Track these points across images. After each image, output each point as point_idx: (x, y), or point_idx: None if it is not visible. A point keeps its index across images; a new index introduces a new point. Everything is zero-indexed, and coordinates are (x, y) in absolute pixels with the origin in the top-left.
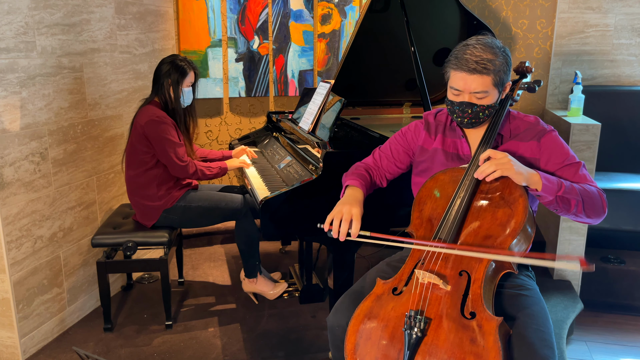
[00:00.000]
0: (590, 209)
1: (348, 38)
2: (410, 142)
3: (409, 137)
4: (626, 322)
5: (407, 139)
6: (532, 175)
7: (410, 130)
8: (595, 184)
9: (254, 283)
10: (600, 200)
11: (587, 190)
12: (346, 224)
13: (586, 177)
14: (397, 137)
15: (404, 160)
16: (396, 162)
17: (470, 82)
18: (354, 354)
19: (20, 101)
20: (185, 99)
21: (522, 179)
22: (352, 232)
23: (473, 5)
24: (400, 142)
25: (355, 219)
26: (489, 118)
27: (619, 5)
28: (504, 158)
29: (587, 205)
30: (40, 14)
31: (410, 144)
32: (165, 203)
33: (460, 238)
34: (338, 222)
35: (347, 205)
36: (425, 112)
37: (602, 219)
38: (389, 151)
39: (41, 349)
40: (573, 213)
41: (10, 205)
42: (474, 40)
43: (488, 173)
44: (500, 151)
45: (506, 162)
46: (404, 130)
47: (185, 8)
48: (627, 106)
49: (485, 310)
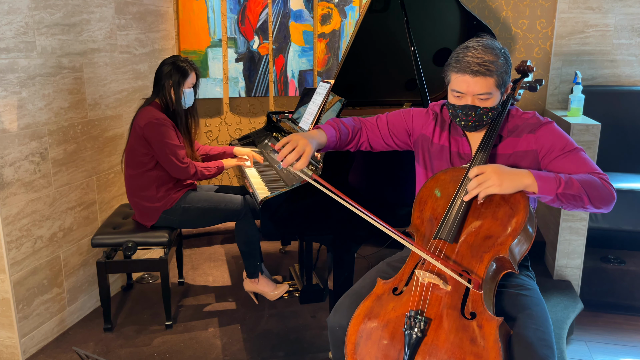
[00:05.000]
0: (597, 199)
1: (348, 38)
2: (416, 126)
3: (415, 120)
4: (626, 322)
5: (413, 121)
6: (524, 179)
7: (419, 115)
8: (598, 169)
9: (255, 283)
10: (604, 187)
11: (589, 180)
12: (296, 155)
13: (586, 162)
14: (401, 114)
15: (401, 138)
16: (394, 137)
17: (474, 84)
18: (354, 354)
19: (20, 101)
20: (187, 100)
21: (510, 191)
22: (297, 165)
23: (473, 5)
24: (404, 119)
25: (305, 155)
26: (492, 120)
27: (619, 5)
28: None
29: (593, 196)
30: (40, 14)
31: (416, 128)
32: (164, 204)
33: (461, 238)
34: (289, 149)
35: (303, 140)
36: (431, 104)
37: (612, 206)
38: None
39: (41, 349)
40: (580, 207)
41: (10, 205)
42: (474, 42)
43: (474, 195)
44: (488, 166)
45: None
46: (410, 111)
47: (185, 8)
48: (627, 106)
49: (485, 310)
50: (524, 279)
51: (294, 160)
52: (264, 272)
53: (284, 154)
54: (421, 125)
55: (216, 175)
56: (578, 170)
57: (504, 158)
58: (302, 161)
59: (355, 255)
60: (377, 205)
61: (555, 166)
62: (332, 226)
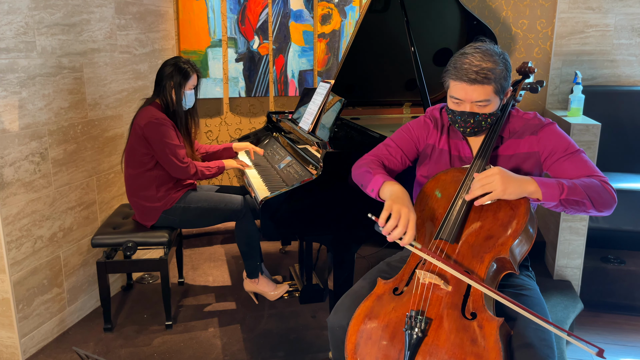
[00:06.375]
0: (599, 204)
1: (348, 38)
2: (420, 139)
3: (417, 133)
4: (626, 322)
5: (416, 135)
6: (528, 186)
7: (419, 127)
8: (598, 171)
9: (255, 283)
10: (606, 191)
11: (591, 185)
12: (402, 229)
13: (587, 164)
14: (403, 133)
15: (412, 155)
16: (408, 157)
17: (471, 92)
18: (354, 354)
19: (20, 101)
20: (187, 102)
21: (514, 197)
22: (404, 240)
23: (473, 5)
24: (408, 137)
25: (410, 227)
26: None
27: (619, 5)
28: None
29: (596, 201)
30: (40, 14)
31: (420, 140)
32: (164, 204)
33: (462, 238)
34: (394, 223)
35: (405, 208)
36: (429, 108)
37: (613, 209)
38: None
39: (41, 349)
40: (583, 211)
41: (10, 205)
42: (471, 49)
43: (476, 195)
44: (494, 169)
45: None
46: (408, 126)
47: (185, 8)
48: (627, 106)
49: (486, 310)
50: (524, 279)
51: (401, 235)
52: (264, 272)
53: (389, 230)
54: (425, 135)
55: (216, 175)
56: (579, 172)
57: (505, 159)
58: (409, 234)
59: (355, 255)
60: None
61: (557, 168)
62: (332, 226)
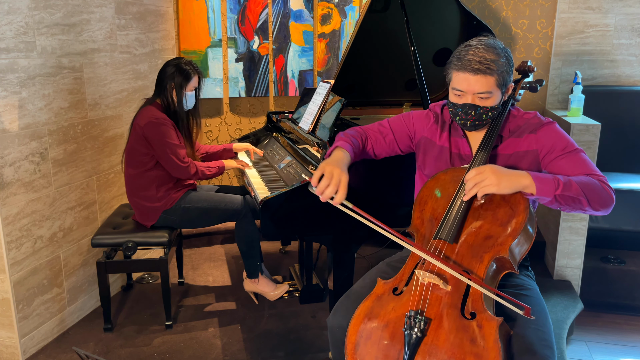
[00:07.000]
0: (596, 202)
1: (348, 38)
2: (417, 130)
3: (416, 124)
4: (626, 322)
5: (414, 125)
6: (522, 180)
7: (420, 118)
8: (597, 170)
9: (255, 283)
10: (603, 190)
11: (588, 183)
12: (333, 188)
13: (586, 163)
14: (402, 119)
15: (404, 143)
16: (398, 143)
17: (474, 82)
18: (354, 354)
19: (20, 101)
20: (188, 103)
21: (508, 191)
22: (336, 199)
23: (473, 5)
24: (405, 124)
25: (342, 187)
26: (492, 120)
27: (619, 5)
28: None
29: (592, 199)
30: (40, 14)
31: (417, 131)
32: (164, 204)
33: (461, 238)
34: (326, 183)
35: (337, 169)
36: (432, 104)
37: (611, 209)
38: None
39: (41, 349)
40: (579, 209)
41: (10, 205)
42: (476, 41)
43: (472, 194)
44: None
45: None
46: (410, 114)
47: (185, 8)
48: (627, 106)
49: (485, 310)
50: (523, 279)
51: (332, 194)
52: (264, 272)
53: (322, 189)
54: (422, 127)
55: (217, 175)
56: (578, 171)
57: (504, 158)
58: (341, 192)
59: (355, 255)
60: (377, 205)
61: (556, 166)
62: (332, 226)
